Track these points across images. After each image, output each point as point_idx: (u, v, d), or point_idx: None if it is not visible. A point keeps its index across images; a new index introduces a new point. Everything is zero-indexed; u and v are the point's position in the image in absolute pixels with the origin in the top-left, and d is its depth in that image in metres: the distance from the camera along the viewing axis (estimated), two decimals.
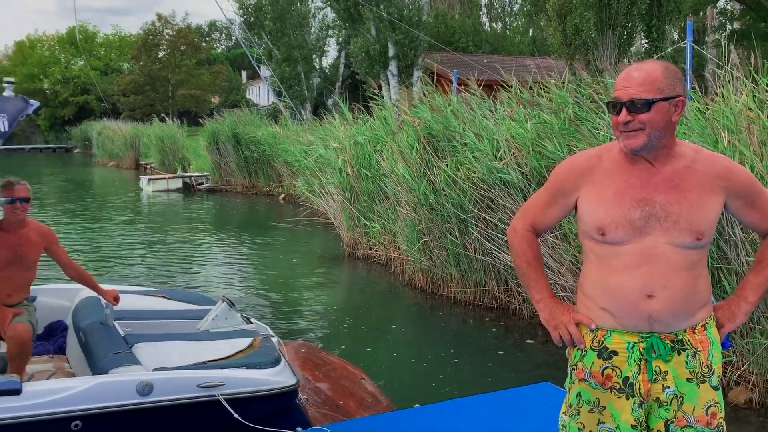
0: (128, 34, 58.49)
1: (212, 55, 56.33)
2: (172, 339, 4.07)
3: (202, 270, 9.76)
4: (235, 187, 20.59)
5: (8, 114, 2.92)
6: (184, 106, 47.60)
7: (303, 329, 6.96)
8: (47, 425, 2.93)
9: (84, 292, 4.83)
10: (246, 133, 19.48)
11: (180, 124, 27.41)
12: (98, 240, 12.20)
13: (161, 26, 49.02)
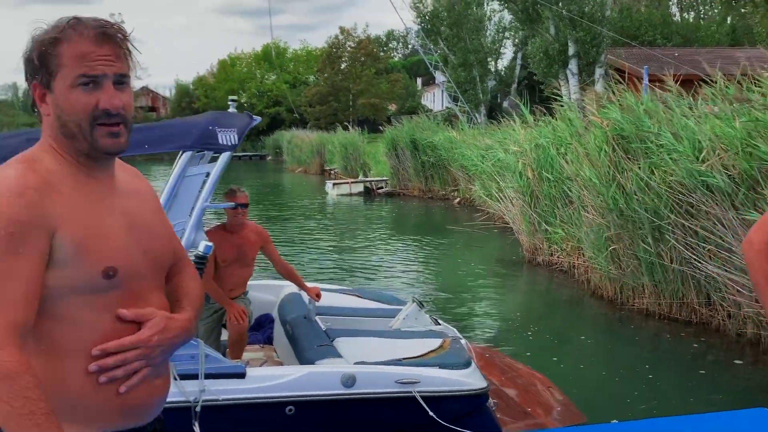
0: (314, 48, 62.41)
1: (390, 63, 58.27)
2: (368, 335, 4.30)
3: (384, 270, 10.13)
4: (412, 191, 21.10)
5: (237, 128, 3.26)
6: (363, 115, 49.74)
7: (484, 333, 6.96)
8: (266, 408, 3.24)
9: (287, 289, 5.25)
10: (423, 138, 19.88)
11: (360, 132, 28.66)
12: (290, 239, 13.14)
13: (343, 39, 51.70)
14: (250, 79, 59.78)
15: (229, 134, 3.20)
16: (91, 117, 1.35)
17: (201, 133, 3.12)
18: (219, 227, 4.40)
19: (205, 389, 3.06)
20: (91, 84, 1.33)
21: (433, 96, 51.97)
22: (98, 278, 1.33)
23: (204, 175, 3.25)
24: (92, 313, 1.35)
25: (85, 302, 1.34)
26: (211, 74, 63.24)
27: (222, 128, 3.20)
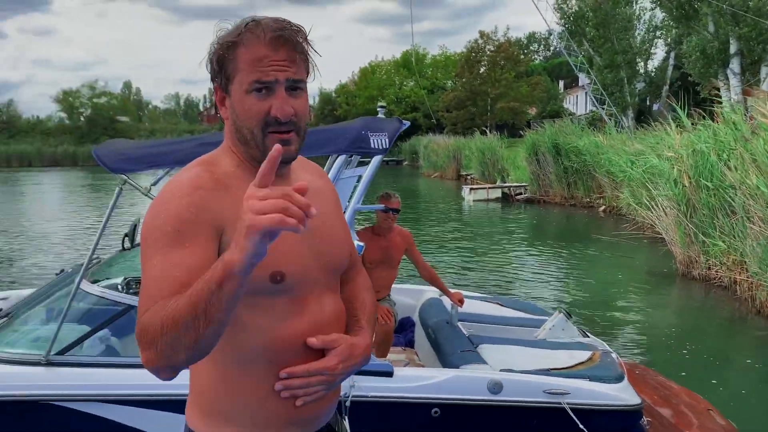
0: (453, 53, 62.57)
1: (530, 66, 57.04)
2: (513, 344, 4.22)
3: (524, 279, 9.90)
4: (553, 197, 20.47)
5: (388, 133, 3.35)
6: (502, 119, 49.09)
7: (634, 349, 6.58)
8: (412, 408, 3.28)
9: (428, 293, 5.29)
10: (567, 143, 19.21)
11: (499, 136, 28.27)
12: (426, 244, 13.21)
13: (483, 43, 51.34)
14: (389, 85, 61.11)
15: (380, 138, 3.29)
16: (263, 123, 1.33)
17: (354, 137, 3.24)
18: (367, 229, 4.52)
19: (355, 385, 3.14)
20: (264, 90, 1.31)
21: (575, 99, 50.18)
22: (266, 282, 1.31)
23: (356, 178, 3.36)
24: (261, 317, 1.34)
25: (253, 305, 1.32)
26: (352, 82, 65.39)
27: (374, 132, 3.29)
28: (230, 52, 1.31)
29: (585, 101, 42.78)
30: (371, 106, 59.17)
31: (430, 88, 57.97)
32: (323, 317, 1.42)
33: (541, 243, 13.51)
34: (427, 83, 58.71)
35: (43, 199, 26.00)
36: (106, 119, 62.56)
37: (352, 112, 59.12)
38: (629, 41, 31.04)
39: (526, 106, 50.37)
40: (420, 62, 59.38)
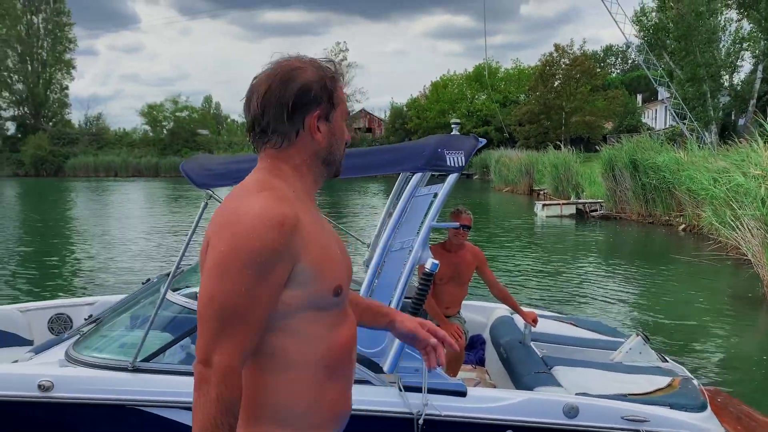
0: (526, 67, 61.81)
1: (607, 80, 55.66)
2: (588, 366, 4.12)
3: (598, 299, 9.62)
4: (629, 215, 19.83)
5: (464, 151, 3.35)
6: (576, 133, 48.05)
7: (715, 375, 6.28)
8: (485, 429, 3.24)
9: (498, 311, 5.23)
10: (645, 159, 18.59)
11: (573, 151, 27.66)
12: (497, 260, 13.06)
13: (558, 56, 50.50)
14: (460, 99, 60.90)
15: (456, 156, 3.30)
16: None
17: (431, 155, 3.24)
18: (438, 245, 4.53)
19: (428, 403, 3.15)
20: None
21: (654, 113, 48.61)
22: (329, 296, 1.44)
23: (432, 195, 3.38)
24: (318, 328, 1.45)
25: (314, 318, 1.44)
26: (423, 96, 65.54)
27: (450, 150, 3.30)
28: (333, 84, 1.51)
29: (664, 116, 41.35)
30: (442, 119, 59.07)
31: (503, 101, 57.42)
32: (353, 322, 1.61)
33: (616, 261, 13.11)
34: (500, 97, 58.18)
35: (129, 208, 27.31)
36: (187, 132, 65.12)
37: (423, 125, 59.23)
38: (713, 54, 29.87)
39: (602, 121, 49.12)
40: (493, 76, 58.94)
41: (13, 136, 66.65)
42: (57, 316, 4.87)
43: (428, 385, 3.19)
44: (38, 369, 3.41)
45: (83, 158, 61.79)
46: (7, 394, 3.30)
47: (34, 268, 12.03)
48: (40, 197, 34.17)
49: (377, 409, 3.20)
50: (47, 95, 67.83)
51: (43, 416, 3.32)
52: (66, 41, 68.90)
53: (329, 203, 28.13)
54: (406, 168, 3.36)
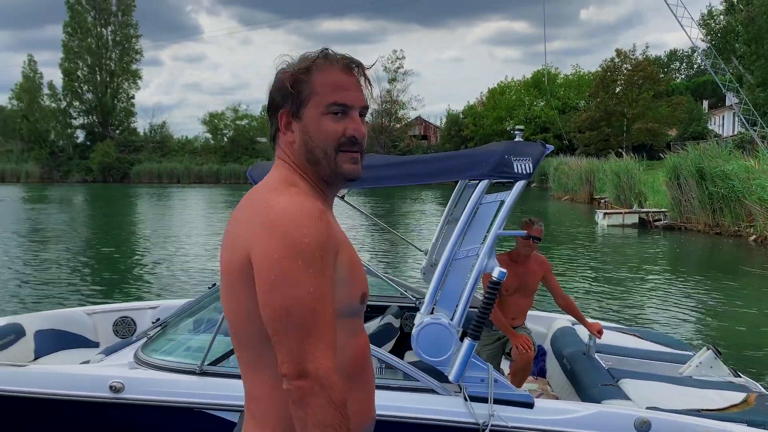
0: (586, 73, 60.62)
1: (671, 85, 54.03)
2: (656, 380, 4.00)
3: (662, 311, 9.31)
4: (695, 224, 19.14)
5: (532, 157, 3.29)
6: (638, 140, 46.78)
7: None
8: None
9: (559, 321, 5.13)
10: (712, 167, 17.93)
11: (636, 159, 26.91)
12: (556, 270, 12.81)
13: (620, 62, 49.34)
14: (518, 106, 60.19)
15: (524, 163, 3.24)
16: (337, 144, 1.40)
17: (498, 162, 3.21)
18: (504, 255, 4.47)
19: (494, 414, 3.11)
20: (340, 113, 1.39)
21: (721, 120, 46.93)
22: (356, 302, 1.40)
23: (498, 203, 3.33)
24: (346, 336, 1.38)
25: (342, 326, 1.35)
26: (480, 103, 65.07)
27: (517, 157, 3.24)
28: (306, 75, 1.40)
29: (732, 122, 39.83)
30: (499, 126, 58.48)
31: (562, 108, 56.45)
32: (365, 332, 1.54)
33: (682, 273, 12.67)
34: (559, 103, 57.22)
35: (191, 213, 28.10)
36: (246, 140, 66.52)
37: (479, 133, 58.78)
38: None
39: (665, 128, 47.68)
40: (552, 82, 58.02)
41: (82, 143, 69.59)
42: (122, 319, 5.01)
43: (494, 396, 3.16)
44: (109, 371, 3.52)
45: (147, 165, 63.98)
46: (80, 394, 3.42)
47: (101, 272, 12.49)
48: (107, 202, 35.53)
49: (442, 419, 3.18)
50: (115, 104, 70.55)
51: (113, 416, 3.42)
52: (133, 52, 71.57)
53: (385, 210, 28.22)
54: (473, 175, 3.33)
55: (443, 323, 3.10)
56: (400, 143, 61.97)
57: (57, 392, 3.45)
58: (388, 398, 3.21)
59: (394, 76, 64.21)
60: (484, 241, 3.24)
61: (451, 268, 3.22)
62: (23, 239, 17.48)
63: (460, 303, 3.16)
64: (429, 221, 22.28)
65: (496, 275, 3.03)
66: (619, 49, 49.96)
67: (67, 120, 69.43)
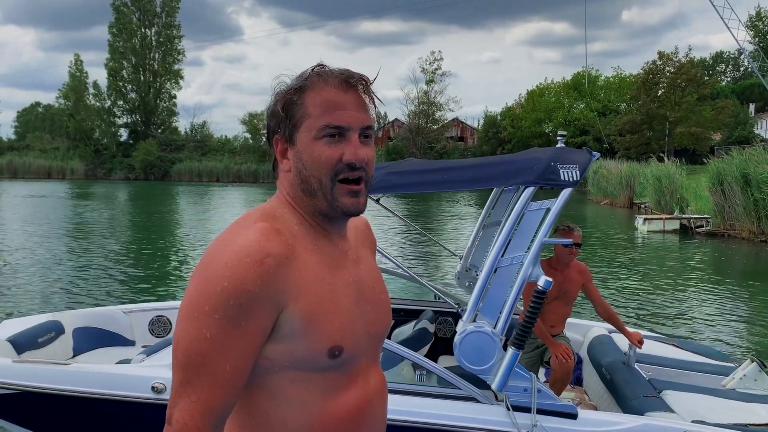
0: (628, 75, 59.60)
1: (716, 88, 52.73)
2: (699, 392, 3.94)
3: (702, 320, 9.13)
4: (739, 232, 18.66)
5: (579, 165, 3.27)
6: (681, 144, 45.83)
7: None
8: None
9: (596, 329, 5.07)
10: (759, 172, 17.46)
11: (678, 163, 26.36)
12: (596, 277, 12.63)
13: (662, 64, 48.40)
14: (557, 108, 59.50)
15: (571, 170, 3.22)
16: (333, 172, 1.23)
17: (544, 169, 3.19)
18: (544, 262, 4.44)
19: (537, 424, 3.10)
20: (336, 136, 1.23)
21: None
22: (323, 357, 1.21)
23: (543, 210, 3.32)
24: (308, 392, 1.23)
25: (304, 379, 1.22)
26: (518, 104, 64.50)
27: (563, 165, 3.22)
28: (298, 96, 1.25)
29: None
30: (538, 129, 57.87)
31: (602, 110, 55.60)
32: (369, 390, 1.33)
33: (725, 282, 12.38)
34: (599, 106, 56.36)
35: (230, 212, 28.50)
36: None
37: (517, 135, 58.28)
38: None
39: (709, 132, 46.58)
40: (592, 84, 57.19)
41: (125, 142, 71.23)
42: (157, 318, 5.07)
43: (537, 405, 3.15)
44: (151, 371, 3.57)
45: (188, 163, 65.14)
46: (122, 394, 3.49)
47: (140, 270, 12.72)
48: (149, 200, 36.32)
49: (484, 428, 3.18)
50: (157, 104, 72.05)
51: (154, 418, 3.43)
52: (175, 53, 72.98)
53: (419, 212, 28.22)
54: (519, 182, 3.31)
55: (486, 331, 3.10)
56: (436, 145, 61.77)
57: (100, 392, 3.51)
58: (429, 406, 3.23)
59: (432, 77, 64.06)
60: (528, 249, 3.24)
61: (495, 276, 3.21)
62: (64, 236, 17.96)
63: (504, 311, 3.15)
64: (464, 224, 22.20)
65: (542, 284, 3.01)
66: (661, 51, 49.08)
67: (111, 119, 71.17)
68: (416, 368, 3.53)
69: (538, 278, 3.06)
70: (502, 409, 3.19)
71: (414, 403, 3.25)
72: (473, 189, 3.69)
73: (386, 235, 17.88)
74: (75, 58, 73.65)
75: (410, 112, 64.34)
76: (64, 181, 60.27)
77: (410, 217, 24.99)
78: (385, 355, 3.49)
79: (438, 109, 64.59)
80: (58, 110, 73.04)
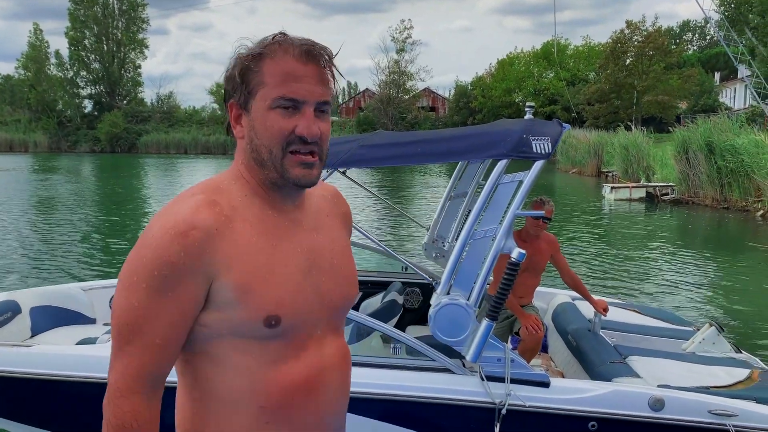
0: (597, 44, 59.85)
1: (683, 57, 53.34)
2: (662, 356, 4.08)
3: (665, 286, 9.39)
4: (703, 199, 19.12)
5: (551, 137, 3.29)
6: (648, 113, 46.38)
7: None
8: (569, 420, 3.24)
9: (559, 297, 5.18)
10: (722, 141, 17.83)
11: (645, 132, 26.74)
12: (562, 246, 12.85)
13: (630, 33, 48.70)
14: (527, 77, 59.59)
15: (543, 143, 3.23)
16: (285, 143, 1.23)
17: (517, 141, 3.19)
18: (514, 233, 4.51)
19: (511, 393, 3.16)
20: (290, 108, 1.22)
21: (733, 92, 46.41)
22: (259, 326, 1.22)
23: (516, 183, 3.35)
24: (253, 360, 1.24)
25: (244, 347, 1.23)
26: (489, 74, 64.46)
27: (536, 137, 3.23)
28: (255, 63, 1.22)
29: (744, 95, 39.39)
30: (508, 98, 57.96)
31: (571, 80, 55.87)
32: (323, 361, 1.31)
33: (688, 248, 12.73)
34: (568, 75, 56.61)
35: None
36: None
37: (488, 105, 58.35)
38: None
39: (676, 100, 47.21)
40: (561, 53, 57.32)
41: (90, 113, 69.47)
42: None
43: (511, 375, 3.21)
44: None
45: (155, 135, 63.90)
46: (91, 375, 3.34)
47: (101, 246, 12.44)
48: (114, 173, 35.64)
49: (459, 398, 3.24)
50: (122, 74, 70.24)
51: None
52: (139, 21, 70.98)
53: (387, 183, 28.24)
54: (492, 155, 3.32)
55: (461, 303, 3.13)
56: (408, 115, 61.60)
57: (66, 374, 3.38)
58: (404, 378, 3.28)
59: (402, 46, 63.59)
60: (501, 221, 3.27)
61: (468, 249, 3.24)
62: (22, 212, 17.49)
63: (477, 283, 3.18)
64: (433, 195, 22.32)
65: (515, 256, 3.04)
66: (629, 21, 49.31)
67: (74, 90, 69.23)
68: (389, 341, 3.58)
69: (511, 250, 3.09)
70: (476, 380, 3.25)
71: (388, 375, 3.29)
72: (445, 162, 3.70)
73: (354, 207, 17.91)
74: (34, 27, 71.47)
75: (381, 81, 63.91)
76: (27, 155, 58.76)
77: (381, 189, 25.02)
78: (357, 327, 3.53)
79: (409, 78, 64.27)
80: (19, 81, 70.77)
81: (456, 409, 3.24)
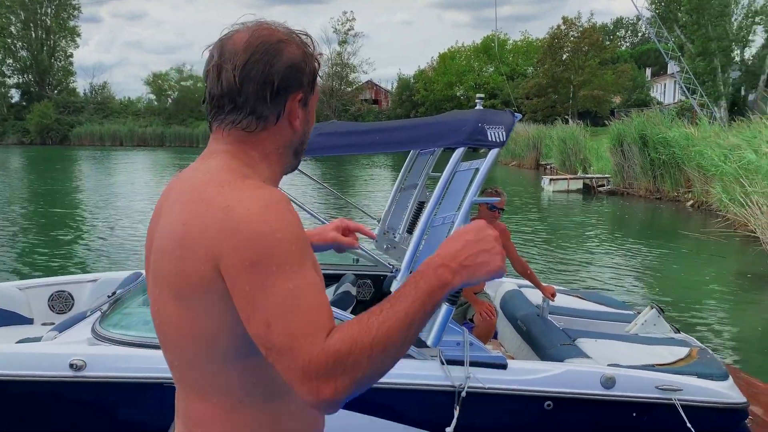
0: (535, 39, 61.22)
1: (616, 53, 55.16)
2: (608, 338, 4.26)
3: (603, 273, 9.75)
4: (637, 190, 19.89)
5: (505, 126, 3.39)
6: (584, 107, 47.80)
7: (720, 348, 6.46)
8: (526, 400, 3.36)
9: (506, 285, 5.32)
10: (655, 133, 18.57)
11: (581, 125, 27.56)
12: None
13: (566, 29, 50.03)
14: (468, 71, 60.39)
15: (498, 131, 3.31)
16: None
17: (472, 130, 3.25)
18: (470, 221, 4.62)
19: (471, 376, 3.25)
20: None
21: (663, 88, 48.32)
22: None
23: (473, 170, 3.42)
24: None
25: None
26: (431, 68, 64.99)
27: (490, 125, 3.30)
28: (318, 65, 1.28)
29: (674, 90, 41.11)
30: (449, 92, 58.60)
31: (510, 74, 56.98)
32: None
33: (623, 237, 13.25)
34: (507, 70, 57.71)
35: (134, 178, 27.38)
36: (192, 102, 64.82)
37: (430, 98, 58.83)
38: (725, 27, 29.62)
39: (610, 95, 48.85)
40: (501, 48, 58.36)
41: (17, 104, 66.41)
42: (58, 294, 4.70)
43: (470, 358, 3.28)
44: (68, 348, 3.34)
45: (89, 127, 61.66)
46: (39, 374, 3.26)
47: (34, 242, 11.83)
48: (44, 166, 34.23)
49: (420, 383, 3.29)
50: (52, 63, 67.42)
51: (75, 396, 3.29)
52: (70, 8, 68.25)
53: (335, 175, 28.18)
54: (446, 143, 3.36)
55: None
56: (351, 107, 61.48)
57: (12, 373, 3.28)
58: None
59: (345, 38, 63.41)
60: (459, 208, 3.34)
61: (427, 236, 3.28)
62: None
63: None
64: (381, 188, 22.42)
65: None
66: (565, 17, 50.67)
67: None
68: None
69: None
70: (436, 364, 3.31)
71: None
72: (402, 150, 3.74)
73: (304, 198, 17.80)
74: None
75: (324, 73, 63.35)
76: None
77: (327, 181, 24.94)
78: None
79: (352, 71, 64.14)
80: None
81: (417, 394, 3.29)
